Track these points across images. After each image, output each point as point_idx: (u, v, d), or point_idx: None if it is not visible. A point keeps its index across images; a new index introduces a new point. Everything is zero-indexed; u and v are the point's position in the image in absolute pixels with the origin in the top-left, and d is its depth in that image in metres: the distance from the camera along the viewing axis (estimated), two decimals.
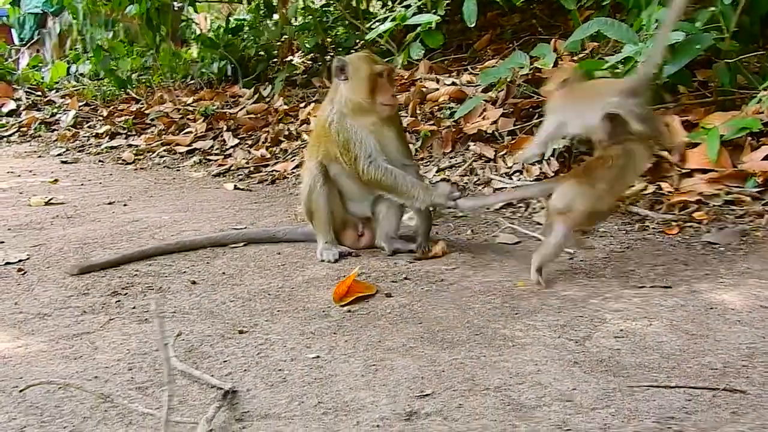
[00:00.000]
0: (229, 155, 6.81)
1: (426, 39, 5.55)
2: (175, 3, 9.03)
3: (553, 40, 6.59)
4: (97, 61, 9.12)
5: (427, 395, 2.18)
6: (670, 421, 1.97)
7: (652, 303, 2.88)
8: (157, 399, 2.21)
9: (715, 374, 2.23)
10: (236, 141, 7.07)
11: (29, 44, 13.05)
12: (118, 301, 3.15)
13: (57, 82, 10.46)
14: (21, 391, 2.25)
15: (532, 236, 3.98)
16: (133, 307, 3.06)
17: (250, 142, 7.01)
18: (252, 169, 6.25)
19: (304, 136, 6.74)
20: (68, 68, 10.59)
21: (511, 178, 4.94)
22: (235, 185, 5.77)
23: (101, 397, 2.20)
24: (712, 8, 4.73)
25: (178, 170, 6.59)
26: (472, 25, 5.62)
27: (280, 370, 2.41)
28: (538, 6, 8.31)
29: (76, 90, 9.94)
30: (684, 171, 4.35)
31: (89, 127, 8.46)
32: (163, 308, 3.04)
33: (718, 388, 2.12)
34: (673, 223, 3.94)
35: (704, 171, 4.28)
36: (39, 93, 10.02)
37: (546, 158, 4.93)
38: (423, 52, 5.61)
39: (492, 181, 4.98)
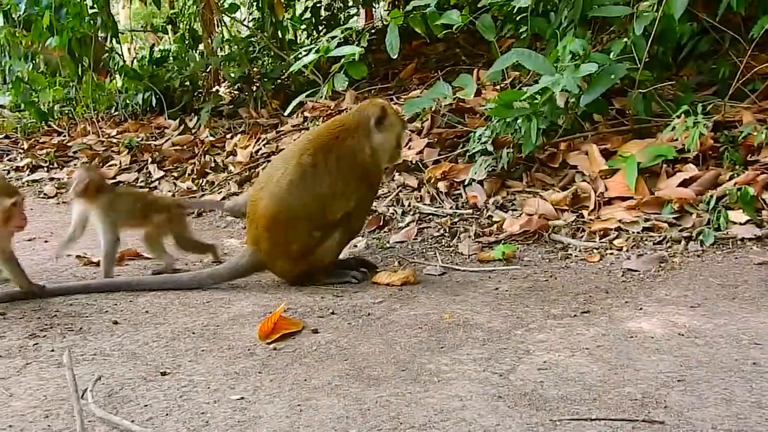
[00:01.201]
0: (155, 188, 6.68)
1: (350, 70, 5.56)
2: (98, 34, 8.85)
3: (476, 70, 6.72)
4: (17, 93, 8.88)
5: None
6: None
7: (575, 333, 2.92)
8: None
9: (634, 405, 2.25)
10: (162, 173, 6.94)
11: None
12: (36, 343, 3.02)
13: None
14: None
15: (454, 268, 4.00)
16: (52, 350, 2.94)
17: (176, 174, 6.89)
18: None
19: (231, 167, 6.66)
20: None
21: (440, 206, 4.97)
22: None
23: None
24: (626, 39, 4.89)
25: None
26: (395, 56, 5.67)
27: (202, 413, 2.34)
28: (461, 35, 8.42)
29: None
30: (604, 199, 4.45)
31: (9, 160, 8.19)
32: (83, 350, 2.93)
33: (638, 420, 2.15)
34: (595, 251, 4.03)
35: (623, 198, 4.39)
36: None
37: (477, 179, 4.99)
38: (347, 83, 5.62)
39: (418, 209, 5.01)
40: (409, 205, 5.08)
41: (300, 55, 5.96)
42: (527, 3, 5.05)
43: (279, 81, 8.63)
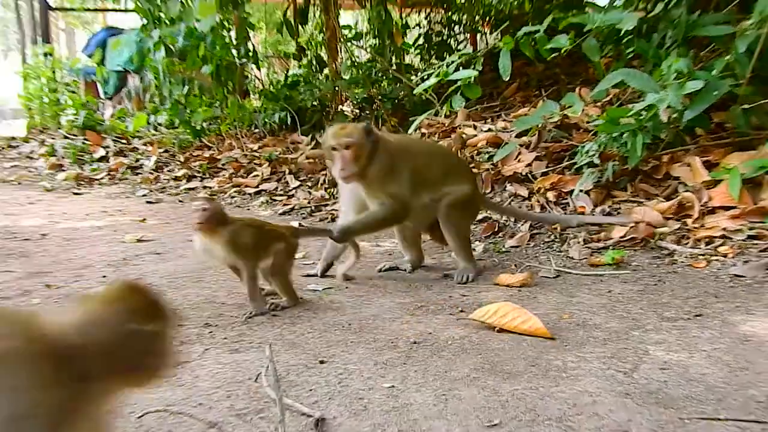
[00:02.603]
0: (292, 196, 6.85)
1: (466, 92, 5.56)
2: (241, 62, 9.15)
3: (578, 88, 6.58)
4: (174, 113, 9.26)
5: (495, 425, 2.14)
6: None
7: (690, 335, 2.82)
8: (256, 426, 2.19)
9: (760, 407, 2.16)
10: (298, 183, 7.12)
11: (113, 98, 13.33)
12: (211, 332, 3.14)
13: (138, 131, 10.63)
14: (138, 417, 2.26)
15: (567, 272, 3.94)
16: (225, 338, 3.05)
17: (310, 184, 7.05)
18: (313, 208, 6.28)
19: None
20: (148, 119, 10.77)
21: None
22: (300, 222, 5.79)
23: (208, 424, 2.19)
24: (727, 57, 4.68)
25: (248, 209, 6.64)
26: (507, 78, 5.62)
27: (360, 398, 2.39)
28: (560, 55, 8.31)
29: (155, 138, 10.08)
30: (707, 208, 4.29)
31: (169, 171, 8.57)
32: (251, 339, 3.04)
33: (767, 422, 2.06)
34: (701, 257, 3.88)
35: (726, 208, 4.21)
36: (124, 141, 10.18)
37: (584, 190, 4.89)
38: (464, 103, 5.62)
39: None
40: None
41: (422, 80, 6.01)
42: (633, 25, 4.90)
43: (397, 101, 8.71)
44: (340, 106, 9.40)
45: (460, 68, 5.70)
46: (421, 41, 10.58)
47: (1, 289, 3.77)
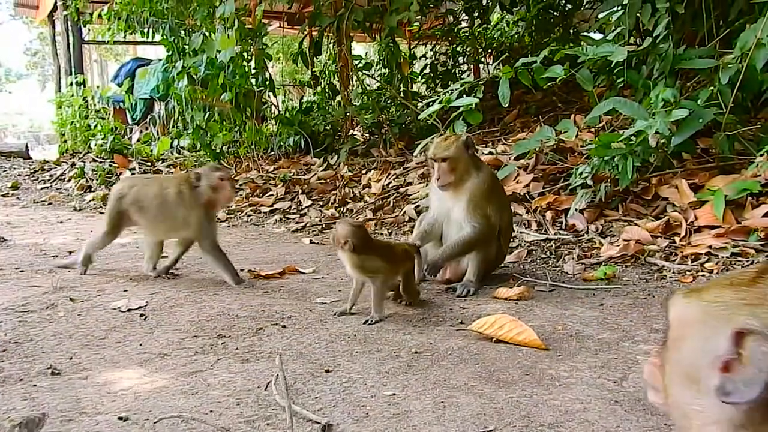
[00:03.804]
0: (305, 214, 6.85)
1: (468, 117, 5.58)
2: (258, 89, 9.20)
3: (573, 115, 6.58)
4: (196, 137, 9.32)
5: (490, 431, 2.12)
6: None
7: None
8: (263, 431, 2.19)
9: None
10: (310, 202, 7.12)
11: (140, 123, 13.43)
12: (224, 342, 3.14)
13: (163, 154, 10.66)
14: (154, 423, 2.24)
15: (562, 286, 3.91)
16: (236, 348, 3.04)
17: (321, 203, 7.06)
18: (324, 225, 6.28)
19: (366, 198, 6.77)
20: (171, 143, 10.81)
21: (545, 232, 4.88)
22: (311, 240, 5.80)
23: (219, 430, 2.18)
24: (711, 87, 4.69)
25: (263, 227, 6.65)
26: (507, 105, 5.63)
27: (363, 405, 2.37)
28: (556, 84, 8.30)
29: (178, 160, 10.13)
30: (694, 227, 4.26)
31: None
32: (261, 349, 3.03)
33: None
34: (687, 273, 3.85)
35: (711, 227, 4.19)
36: (149, 163, 10.22)
37: (578, 209, 4.87)
38: (465, 128, 5.62)
39: (523, 234, 4.93)
40: (517, 231, 5.00)
41: (426, 105, 6.02)
42: (623, 57, 4.92)
43: (404, 126, 8.73)
44: (351, 131, 9.43)
45: (463, 96, 5.72)
46: (427, 71, 10.64)
47: (28, 303, 3.78)
